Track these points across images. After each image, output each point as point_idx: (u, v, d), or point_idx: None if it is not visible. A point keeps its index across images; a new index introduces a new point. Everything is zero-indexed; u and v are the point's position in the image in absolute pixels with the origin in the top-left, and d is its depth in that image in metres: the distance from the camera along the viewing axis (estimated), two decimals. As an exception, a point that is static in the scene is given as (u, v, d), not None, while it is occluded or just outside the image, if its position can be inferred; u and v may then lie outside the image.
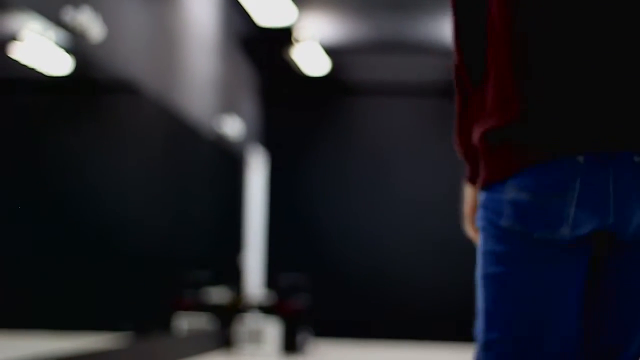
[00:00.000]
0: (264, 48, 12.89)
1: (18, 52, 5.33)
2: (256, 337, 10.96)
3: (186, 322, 9.25)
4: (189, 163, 9.41)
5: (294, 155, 13.67)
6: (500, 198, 1.88)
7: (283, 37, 12.14)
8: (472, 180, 2.08)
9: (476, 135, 1.93)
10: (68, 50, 6.07)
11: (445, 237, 13.28)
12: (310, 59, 12.60)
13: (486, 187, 1.92)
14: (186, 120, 9.21)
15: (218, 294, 10.55)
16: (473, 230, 2.12)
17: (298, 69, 13.32)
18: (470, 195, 2.09)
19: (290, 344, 11.00)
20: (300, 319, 11.08)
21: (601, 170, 1.78)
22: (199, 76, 9.76)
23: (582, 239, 1.87)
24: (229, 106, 11.23)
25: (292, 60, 12.83)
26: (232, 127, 11.14)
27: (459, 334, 13.24)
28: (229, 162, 11.21)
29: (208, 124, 10.19)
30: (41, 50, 5.66)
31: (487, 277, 1.93)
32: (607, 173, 1.78)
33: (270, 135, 13.67)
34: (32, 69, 5.54)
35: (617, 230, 1.84)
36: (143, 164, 7.80)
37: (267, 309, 11.10)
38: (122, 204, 7.23)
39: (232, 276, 11.39)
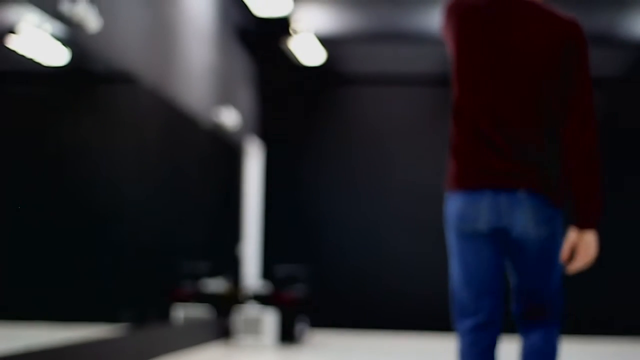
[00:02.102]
0: (261, 39, 12.90)
1: (15, 44, 5.34)
2: (254, 328, 10.99)
3: (184, 313, 9.29)
4: (186, 153, 9.42)
5: (291, 145, 13.69)
6: (451, 207, 3.48)
7: (280, 27, 12.14)
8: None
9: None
10: (65, 42, 6.08)
11: (443, 226, 13.31)
12: (307, 49, 12.61)
13: (448, 194, 3.53)
14: (183, 110, 9.22)
15: (216, 285, 10.58)
16: None
17: (295, 59, 13.33)
18: None
19: (287, 334, 11.03)
20: (298, 309, 11.11)
21: (496, 197, 3.40)
22: (196, 67, 9.77)
23: (493, 232, 3.43)
24: (225, 96, 11.25)
25: (288, 50, 12.83)
26: (229, 117, 11.16)
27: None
28: (226, 152, 11.23)
29: (205, 114, 10.20)
30: (38, 42, 5.67)
31: (453, 254, 3.53)
32: (500, 198, 3.39)
33: (267, 125, 13.69)
34: (30, 61, 5.55)
35: (509, 230, 3.43)
36: (140, 155, 7.82)
37: (264, 299, 11.13)
38: (119, 194, 7.25)
39: (230, 267, 11.42)
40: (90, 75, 6.58)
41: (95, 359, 6.66)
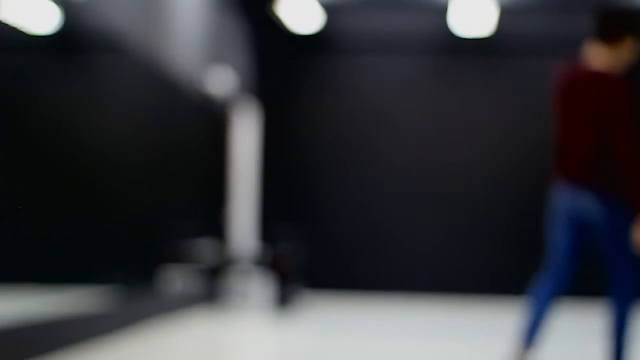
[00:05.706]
0: (256, 2, 12.89)
1: (3, 11, 5.37)
2: (246, 290, 11.01)
3: (174, 275, 9.32)
4: (178, 117, 9.43)
5: (286, 108, 13.71)
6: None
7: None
8: None
9: None
10: (54, 9, 6.10)
11: (435, 187, 13.37)
12: (302, 14, 12.59)
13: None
14: (174, 74, 9.23)
15: (206, 247, 10.60)
16: None
17: (290, 24, 13.31)
18: None
19: (280, 297, 11.03)
20: (292, 272, 11.11)
21: (569, 193, 5.16)
22: (188, 31, 9.76)
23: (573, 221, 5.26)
24: (218, 60, 11.24)
25: (283, 15, 12.82)
26: (222, 81, 11.15)
27: (448, 285, 13.37)
28: (218, 116, 11.25)
29: (197, 78, 10.21)
30: (27, 9, 5.69)
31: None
32: (572, 194, 5.17)
33: (263, 87, 13.70)
34: (18, 28, 5.58)
35: (581, 217, 5.19)
36: (131, 120, 7.85)
37: (258, 262, 11.10)
38: (110, 156, 7.29)
39: (221, 229, 11.42)
40: (80, 42, 6.60)
41: (82, 320, 6.72)
